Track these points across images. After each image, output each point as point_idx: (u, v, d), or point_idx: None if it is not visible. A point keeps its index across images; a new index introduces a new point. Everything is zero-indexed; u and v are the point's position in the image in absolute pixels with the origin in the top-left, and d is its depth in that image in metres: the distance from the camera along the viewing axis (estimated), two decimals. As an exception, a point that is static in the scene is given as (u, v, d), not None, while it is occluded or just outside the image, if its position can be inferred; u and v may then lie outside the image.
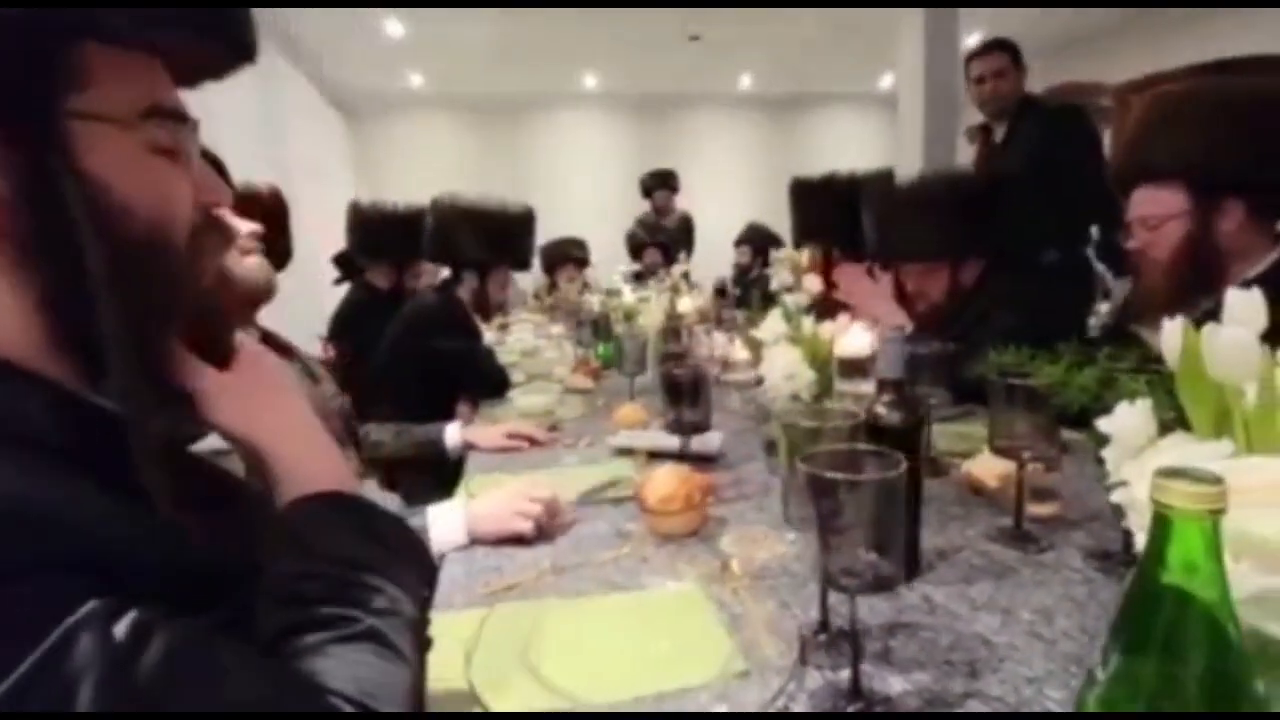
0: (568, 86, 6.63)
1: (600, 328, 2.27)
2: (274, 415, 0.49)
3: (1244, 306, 0.45)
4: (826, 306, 1.18)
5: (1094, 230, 2.41)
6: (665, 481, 0.93)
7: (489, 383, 1.94)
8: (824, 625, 0.67)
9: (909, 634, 0.68)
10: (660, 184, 5.12)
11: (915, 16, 3.63)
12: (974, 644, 0.66)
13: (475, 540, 0.94)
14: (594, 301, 2.69)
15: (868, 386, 0.90)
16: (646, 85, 6.58)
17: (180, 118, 0.43)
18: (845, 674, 0.61)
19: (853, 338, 0.94)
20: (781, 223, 4.77)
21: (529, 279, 4.78)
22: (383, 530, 0.49)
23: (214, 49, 0.45)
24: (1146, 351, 0.66)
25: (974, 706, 0.57)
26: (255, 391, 0.49)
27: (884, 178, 1.72)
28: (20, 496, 0.33)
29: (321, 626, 0.41)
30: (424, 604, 0.49)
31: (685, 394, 1.04)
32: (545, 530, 0.95)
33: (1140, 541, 0.44)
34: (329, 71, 5.59)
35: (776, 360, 1.12)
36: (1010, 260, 1.59)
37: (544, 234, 4.71)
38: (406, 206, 2.51)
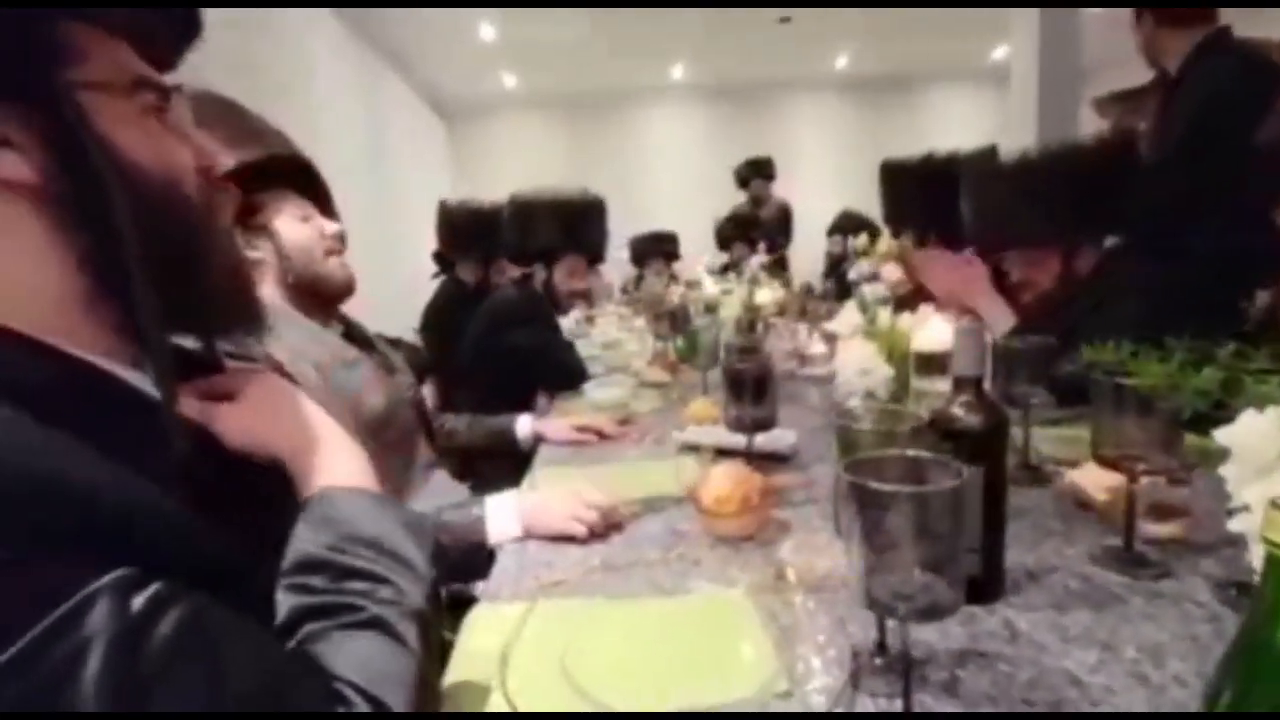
0: (657, 79, 6.61)
1: (679, 320, 2.24)
2: (286, 424, 0.51)
3: None
4: (914, 298, 1.08)
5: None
6: (722, 481, 0.89)
7: (565, 375, 1.96)
8: (882, 647, 0.61)
9: (983, 664, 0.60)
10: (755, 173, 5.00)
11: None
12: (1060, 682, 0.57)
13: (529, 535, 0.94)
14: (675, 294, 2.66)
15: (947, 385, 0.81)
16: (736, 73, 6.44)
17: (163, 88, 0.45)
18: (900, 704, 0.55)
19: (932, 330, 0.85)
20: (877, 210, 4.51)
21: (618, 273, 4.83)
22: (390, 521, 0.49)
23: (160, 20, 0.48)
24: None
25: (1053, 756, 0.49)
26: (262, 407, 0.51)
27: (987, 155, 1.56)
28: (55, 470, 0.35)
29: (326, 614, 0.42)
30: (434, 597, 0.49)
31: (748, 388, 0.99)
32: (597, 532, 0.93)
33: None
34: (427, 76, 5.88)
35: (850, 354, 1.05)
36: (1143, 242, 1.39)
37: (635, 229, 4.77)
38: (490, 204, 2.59)
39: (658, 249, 4.67)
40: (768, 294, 1.82)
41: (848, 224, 4.42)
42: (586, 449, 1.37)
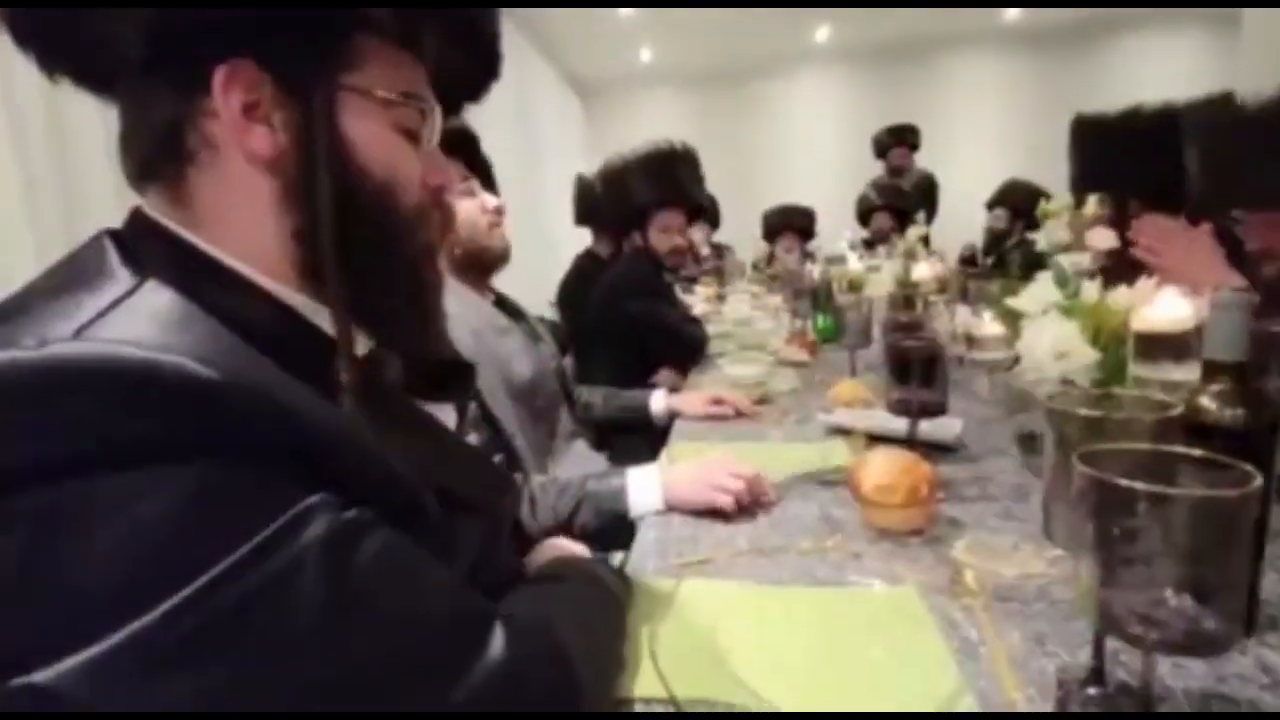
0: (799, 43, 6.28)
1: (820, 298, 2.11)
2: None
3: None
4: (1119, 270, 0.91)
5: None
6: (885, 468, 0.81)
7: (680, 344, 1.92)
8: (1098, 675, 0.52)
9: (1231, 709, 0.49)
10: (897, 140, 4.64)
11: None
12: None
13: (672, 507, 0.91)
14: (814, 271, 2.52)
15: (1181, 373, 0.67)
16: (886, 30, 5.94)
17: (426, 108, 0.49)
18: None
19: (1162, 306, 0.71)
20: (1053, 179, 4.03)
21: (748, 250, 4.70)
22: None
23: (463, 57, 0.53)
24: None
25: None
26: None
27: (1219, 102, 1.30)
28: (264, 384, 0.36)
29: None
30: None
31: (916, 369, 0.89)
32: (745, 507, 0.89)
33: None
34: (567, 55, 5.99)
35: (1044, 334, 0.91)
36: None
37: (773, 202, 4.60)
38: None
39: (791, 223, 4.48)
40: (926, 269, 1.65)
41: (1014, 195, 3.95)
42: (724, 426, 1.32)
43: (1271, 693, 0.51)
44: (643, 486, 0.93)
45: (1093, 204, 1.00)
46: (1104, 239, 0.89)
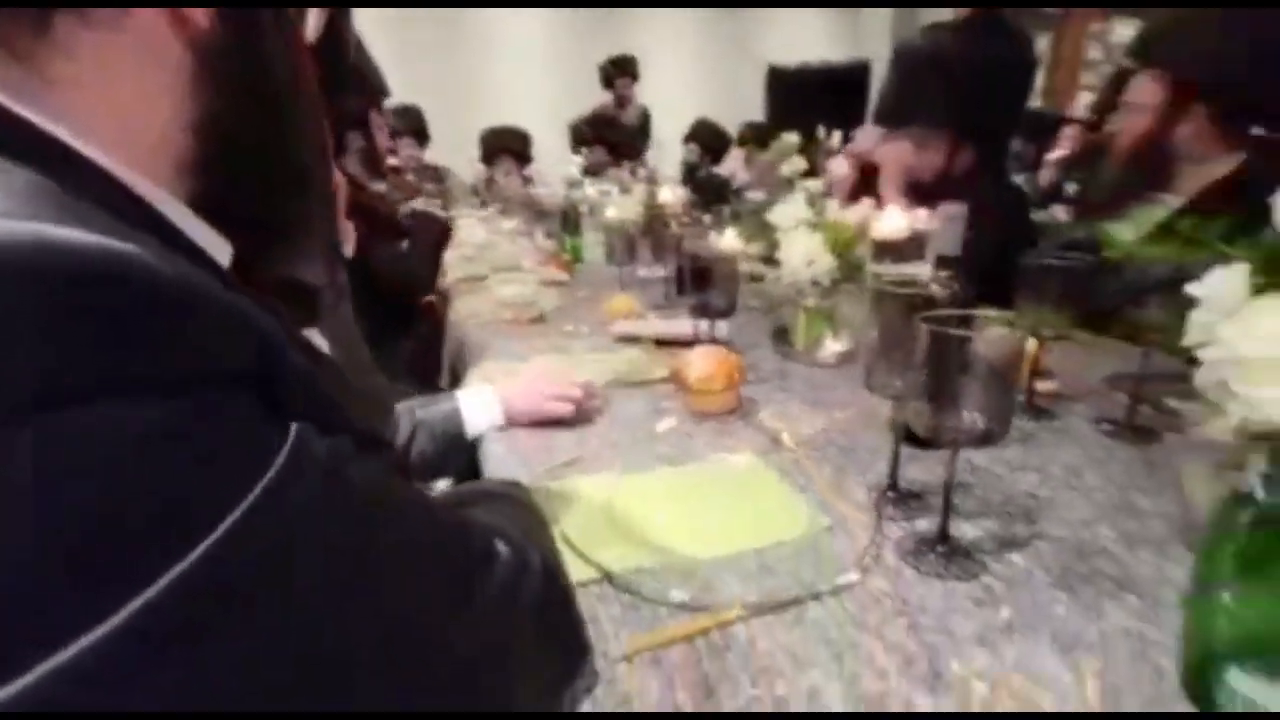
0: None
1: (569, 221, 2.19)
2: None
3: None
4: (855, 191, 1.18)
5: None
6: (706, 361, 0.93)
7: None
8: (893, 484, 0.72)
9: (964, 491, 0.73)
10: (621, 71, 4.82)
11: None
12: (1022, 498, 0.72)
13: (511, 422, 0.92)
14: (553, 194, 2.57)
15: (910, 269, 0.92)
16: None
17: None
18: (921, 524, 0.66)
19: (889, 221, 0.94)
20: (739, 117, 4.62)
21: (468, 171, 4.51)
22: None
23: None
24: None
25: (1042, 546, 0.63)
26: None
27: (905, 50, 1.66)
28: (235, 302, 0.28)
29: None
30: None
31: (717, 279, 1.03)
32: (582, 413, 0.94)
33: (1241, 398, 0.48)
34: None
35: (796, 246, 1.12)
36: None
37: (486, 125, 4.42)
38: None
39: (508, 146, 4.44)
40: (669, 193, 1.84)
41: (704, 133, 4.50)
42: (528, 342, 1.33)
43: (975, 476, 0.77)
44: (477, 405, 0.91)
45: (832, 135, 1.24)
46: (840, 167, 1.13)
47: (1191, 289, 0.57)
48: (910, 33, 3.57)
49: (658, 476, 0.77)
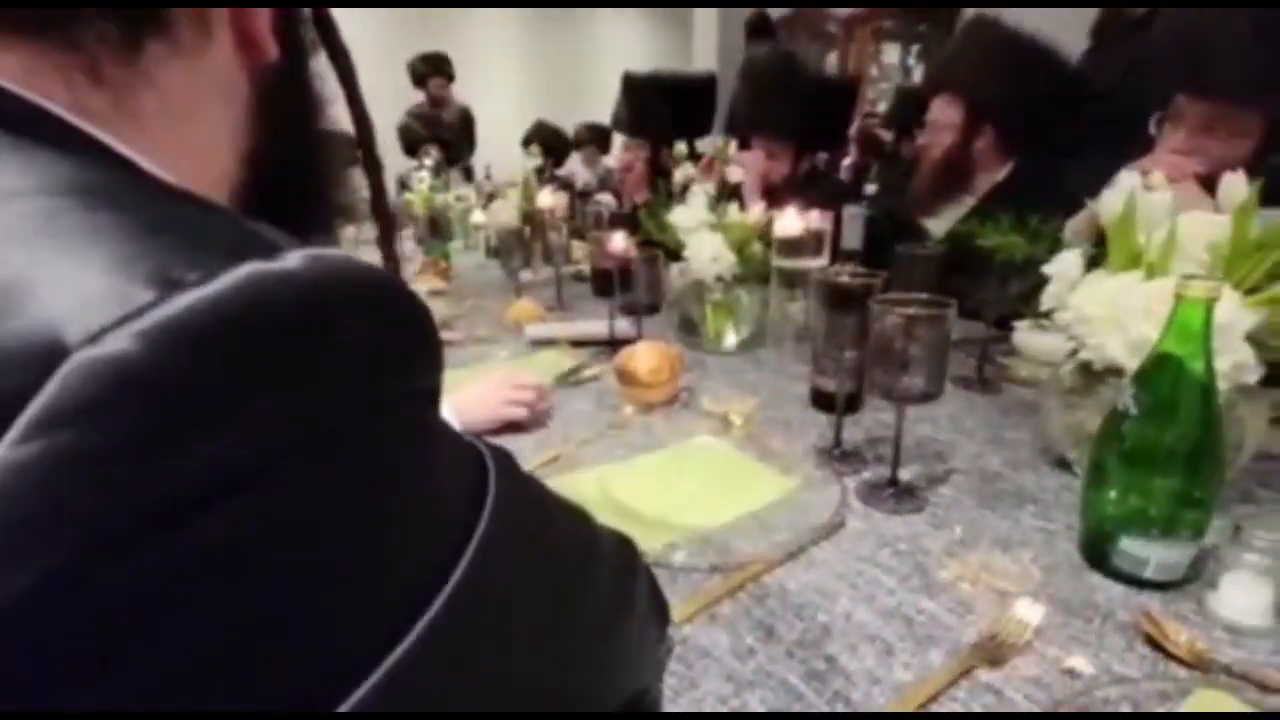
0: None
1: (440, 227, 2.13)
2: None
3: (1154, 183, 0.68)
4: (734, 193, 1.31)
5: None
6: (650, 355, 1.01)
7: None
8: (838, 443, 0.85)
9: (887, 444, 0.88)
10: (435, 70, 4.66)
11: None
12: (928, 443, 0.89)
13: (469, 432, 0.92)
14: (411, 199, 2.47)
15: (808, 263, 1.07)
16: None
17: None
18: (867, 474, 0.80)
19: (788, 221, 1.09)
20: (568, 119, 4.69)
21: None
22: None
23: None
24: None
25: (956, 480, 0.79)
26: None
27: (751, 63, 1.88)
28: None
29: None
30: None
31: (641, 277, 1.10)
32: (536, 415, 0.96)
33: (1104, 352, 0.66)
34: None
35: (703, 246, 1.23)
36: None
37: None
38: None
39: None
40: (549, 197, 1.87)
41: (544, 134, 4.54)
42: (449, 354, 1.29)
43: (886, 430, 0.93)
44: (432, 418, 0.90)
45: (730, 145, 1.36)
46: (735, 172, 1.26)
47: (1045, 269, 0.76)
48: (735, 41, 3.94)
49: (640, 463, 0.83)
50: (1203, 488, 0.55)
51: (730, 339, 1.30)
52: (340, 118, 0.43)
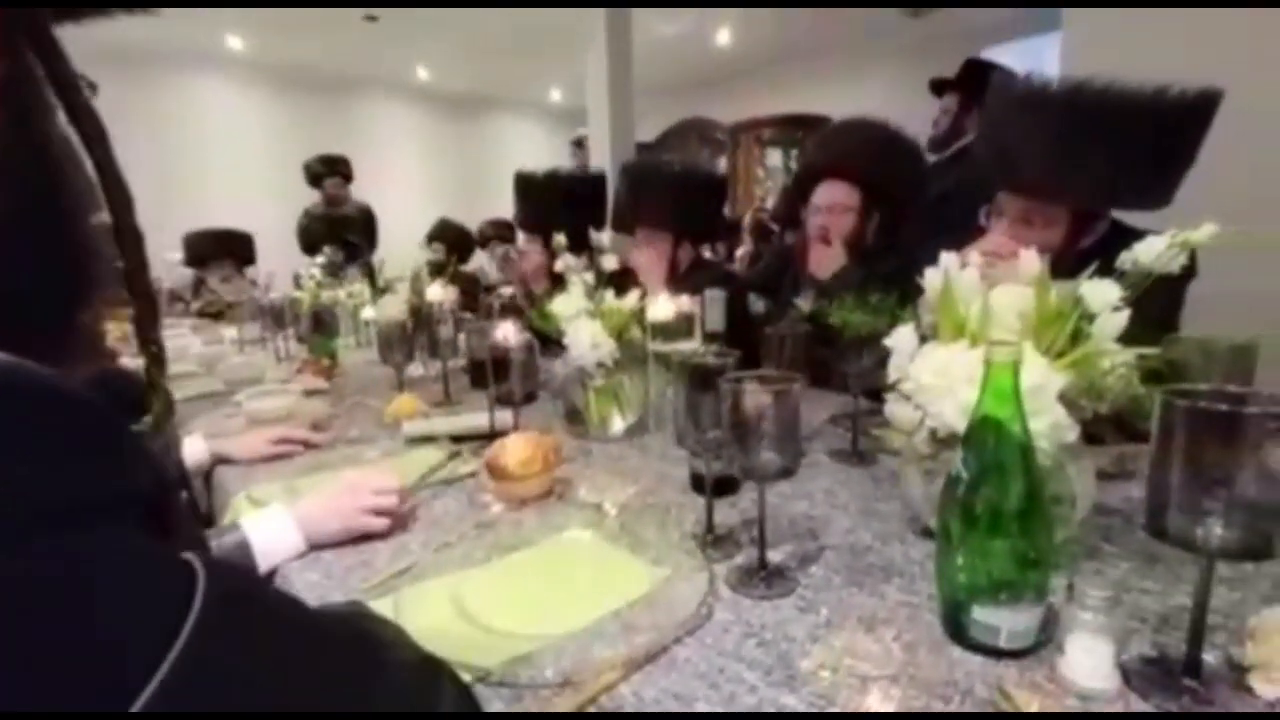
0: (207, 45, 5.53)
1: (325, 323, 2.04)
2: None
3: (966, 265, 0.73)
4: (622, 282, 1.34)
5: None
6: (521, 446, 0.96)
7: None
8: (710, 529, 0.82)
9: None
10: (330, 171, 4.67)
11: (597, 28, 4.05)
12: (804, 520, 0.88)
13: (315, 545, 0.83)
14: (300, 297, 2.38)
15: (682, 345, 1.08)
16: (307, 58, 5.88)
17: None
18: (739, 559, 0.77)
19: (660, 305, 1.11)
20: (471, 217, 4.80)
21: (167, 275, 3.91)
22: None
23: None
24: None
25: (827, 557, 0.78)
26: None
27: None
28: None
29: None
30: None
31: (516, 366, 1.07)
32: (398, 521, 0.89)
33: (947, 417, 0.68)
34: None
35: (582, 333, 1.22)
36: None
37: (187, 221, 3.98)
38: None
39: (226, 249, 4.05)
40: (439, 290, 1.84)
41: (448, 232, 4.58)
42: (295, 461, 1.20)
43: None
44: (270, 532, 0.81)
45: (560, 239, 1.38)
46: (611, 261, 1.28)
47: (886, 341, 0.79)
48: (627, 142, 4.19)
49: (500, 566, 0.77)
50: (1037, 548, 0.56)
51: (617, 425, 1.28)
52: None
